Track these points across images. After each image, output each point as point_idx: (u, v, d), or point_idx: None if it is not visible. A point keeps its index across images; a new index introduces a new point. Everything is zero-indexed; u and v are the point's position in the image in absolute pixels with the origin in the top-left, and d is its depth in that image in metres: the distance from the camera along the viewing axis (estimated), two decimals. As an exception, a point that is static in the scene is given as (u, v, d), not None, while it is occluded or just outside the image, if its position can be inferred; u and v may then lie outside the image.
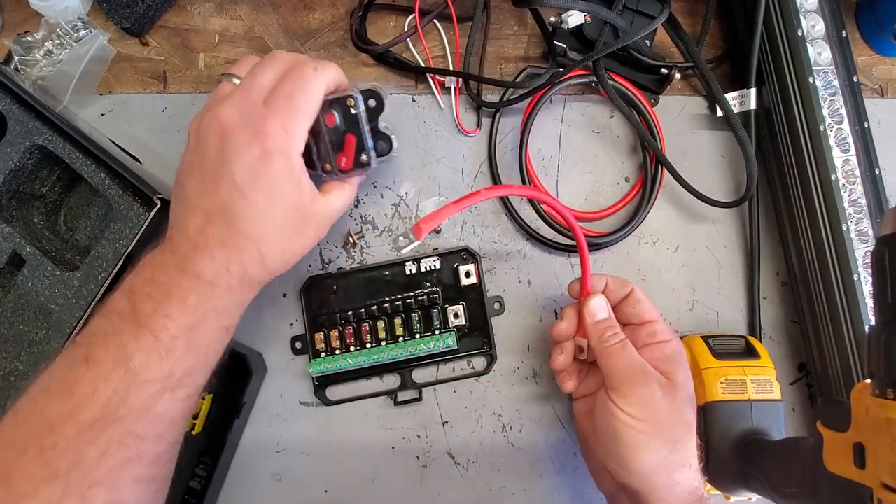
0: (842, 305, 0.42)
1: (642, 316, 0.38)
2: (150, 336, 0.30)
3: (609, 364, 0.36)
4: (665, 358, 0.36)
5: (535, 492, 0.44)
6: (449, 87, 0.48)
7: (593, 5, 0.43)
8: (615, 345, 0.36)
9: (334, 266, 0.46)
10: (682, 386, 0.35)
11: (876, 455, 0.28)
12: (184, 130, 0.48)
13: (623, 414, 0.34)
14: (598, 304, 0.38)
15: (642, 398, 0.34)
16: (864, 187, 0.43)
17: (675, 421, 0.34)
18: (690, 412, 0.35)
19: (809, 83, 0.43)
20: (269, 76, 0.34)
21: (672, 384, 0.35)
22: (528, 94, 0.46)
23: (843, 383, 0.42)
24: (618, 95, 0.46)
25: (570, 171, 0.48)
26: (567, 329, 0.40)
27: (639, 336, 0.38)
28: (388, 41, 0.47)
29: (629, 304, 0.39)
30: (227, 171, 0.32)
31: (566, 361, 0.40)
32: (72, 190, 0.45)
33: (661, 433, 0.34)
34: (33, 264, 0.40)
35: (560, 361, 0.40)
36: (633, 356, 0.36)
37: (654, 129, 0.47)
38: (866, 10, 0.51)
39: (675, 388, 0.35)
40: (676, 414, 0.34)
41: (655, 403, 0.34)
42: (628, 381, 0.35)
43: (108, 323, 0.30)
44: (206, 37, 0.49)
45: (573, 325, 0.40)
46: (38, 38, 0.44)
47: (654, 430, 0.34)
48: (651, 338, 0.37)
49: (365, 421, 0.45)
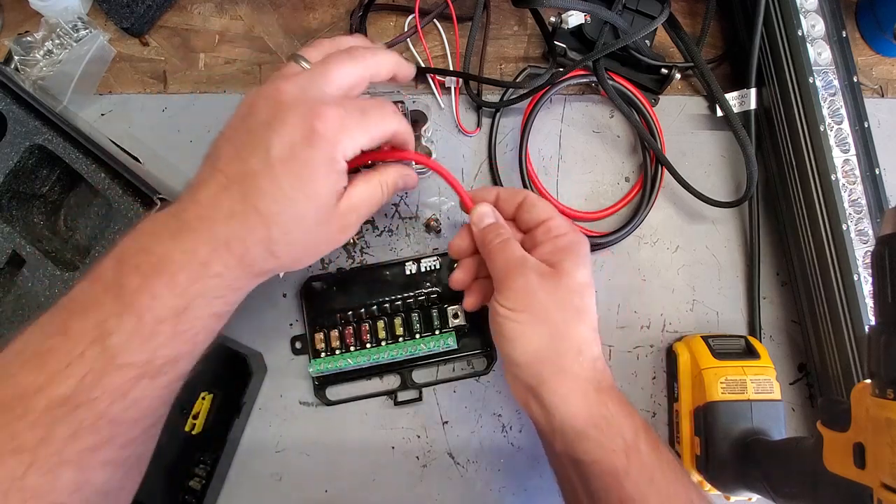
0: (842, 305, 0.42)
1: (539, 217, 0.37)
2: (132, 316, 0.27)
3: (492, 265, 0.36)
4: (556, 250, 0.35)
5: (535, 492, 0.44)
6: (449, 87, 0.48)
7: (593, 5, 0.43)
8: (497, 244, 0.36)
9: (334, 266, 0.46)
10: (567, 273, 0.34)
11: (876, 455, 0.28)
12: (184, 130, 0.49)
13: (502, 308, 0.34)
14: (481, 211, 0.38)
15: (518, 289, 0.34)
16: (864, 187, 0.43)
17: (556, 307, 0.33)
18: (578, 298, 0.34)
19: (809, 83, 0.43)
20: (345, 75, 0.32)
21: (556, 272, 0.34)
22: (527, 94, 0.46)
23: (843, 383, 0.42)
24: (618, 95, 0.46)
25: (570, 170, 0.48)
26: (461, 244, 0.39)
27: (536, 237, 0.37)
28: (388, 41, 0.47)
29: (525, 209, 0.38)
30: (264, 141, 0.29)
31: (464, 278, 0.39)
32: (72, 190, 0.45)
33: (539, 321, 0.33)
34: (33, 264, 0.40)
35: (457, 278, 0.39)
36: (512, 251, 0.35)
37: (654, 129, 0.47)
38: (866, 10, 0.51)
39: (559, 275, 0.34)
40: (557, 300, 0.33)
41: (532, 292, 0.33)
42: (506, 275, 0.34)
43: (91, 291, 0.28)
44: (206, 37, 0.49)
45: (468, 240, 0.39)
46: (38, 38, 0.44)
47: (530, 318, 0.33)
48: (545, 234, 0.36)
49: (365, 421, 0.45)
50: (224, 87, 0.49)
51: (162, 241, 0.29)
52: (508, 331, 0.33)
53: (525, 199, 0.38)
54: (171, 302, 0.28)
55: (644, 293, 0.48)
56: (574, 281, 0.34)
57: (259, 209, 0.29)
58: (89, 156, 0.40)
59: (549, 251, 0.35)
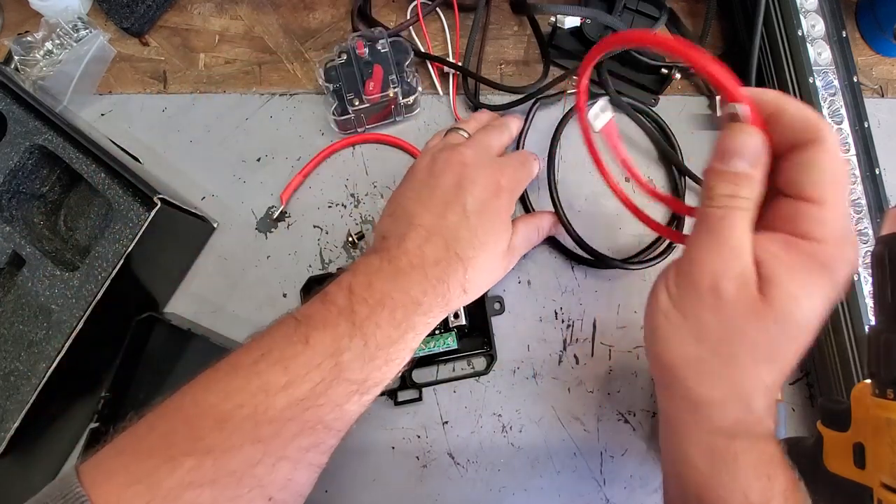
0: (842, 305, 0.42)
1: (804, 186, 0.24)
2: (360, 339, 0.31)
3: (696, 236, 0.26)
4: (788, 264, 0.24)
5: (535, 492, 0.44)
6: (447, 73, 0.49)
7: (594, 10, 0.43)
8: (719, 212, 0.25)
9: (334, 266, 0.46)
10: (792, 301, 0.23)
11: (876, 455, 0.28)
12: (184, 130, 0.49)
13: (666, 299, 0.27)
14: (748, 142, 0.25)
15: (705, 290, 0.25)
16: (864, 187, 0.43)
17: (743, 341, 0.25)
18: (785, 340, 0.24)
19: (809, 83, 0.43)
20: (497, 140, 0.40)
21: (772, 295, 0.24)
22: (527, 97, 0.46)
23: (843, 383, 0.42)
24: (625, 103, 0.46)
25: (570, 170, 0.48)
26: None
27: (781, 214, 0.25)
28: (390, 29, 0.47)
29: (800, 161, 0.24)
30: (459, 198, 0.35)
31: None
32: (72, 190, 0.45)
33: (709, 350, 0.25)
34: (33, 264, 0.40)
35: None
36: (733, 233, 0.24)
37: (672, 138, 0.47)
38: (866, 10, 0.51)
39: (776, 301, 0.24)
40: (751, 335, 0.24)
41: (722, 307, 0.25)
42: (701, 258, 0.25)
43: (327, 312, 0.32)
44: (206, 37, 0.49)
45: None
46: (38, 38, 0.44)
47: (697, 336, 0.26)
48: (796, 225, 0.24)
49: (365, 421, 0.44)
50: (224, 87, 0.49)
51: (383, 281, 0.33)
52: (662, 331, 0.27)
53: (814, 144, 0.24)
54: (388, 332, 0.32)
55: (644, 293, 0.47)
56: (794, 318, 0.24)
57: (459, 255, 0.35)
58: (89, 156, 0.40)
59: (779, 261, 0.24)
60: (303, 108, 0.48)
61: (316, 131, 0.48)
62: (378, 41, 0.44)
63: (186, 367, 0.44)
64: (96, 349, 0.41)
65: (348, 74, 0.44)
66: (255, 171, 0.47)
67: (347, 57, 0.44)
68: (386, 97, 0.44)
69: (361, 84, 0.44)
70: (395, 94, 0.44)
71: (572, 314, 0.46)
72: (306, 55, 0.49)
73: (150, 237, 0.39)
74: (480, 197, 0.36)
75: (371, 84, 0.43)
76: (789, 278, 0.24)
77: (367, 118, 0.46)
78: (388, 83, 0.44)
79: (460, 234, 0.35)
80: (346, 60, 0.44)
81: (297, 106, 0.48)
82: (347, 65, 0.44)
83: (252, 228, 0.46)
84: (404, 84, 0.45)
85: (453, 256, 0.35)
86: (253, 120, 0.48)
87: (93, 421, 0.40)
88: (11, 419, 0.37)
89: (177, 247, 0.45)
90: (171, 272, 0.45)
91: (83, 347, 0.38)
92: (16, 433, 0.36)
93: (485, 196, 0.36)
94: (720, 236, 0.25)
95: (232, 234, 0.46)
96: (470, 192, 0.36)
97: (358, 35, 0.45)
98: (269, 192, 0.47)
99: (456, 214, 0.35)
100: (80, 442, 0.41)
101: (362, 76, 0.44)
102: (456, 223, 0.35)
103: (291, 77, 0.49)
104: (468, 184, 0.36)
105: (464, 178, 0.36)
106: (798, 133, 0.24)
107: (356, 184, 0.47)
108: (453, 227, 0.35)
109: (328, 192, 0.47)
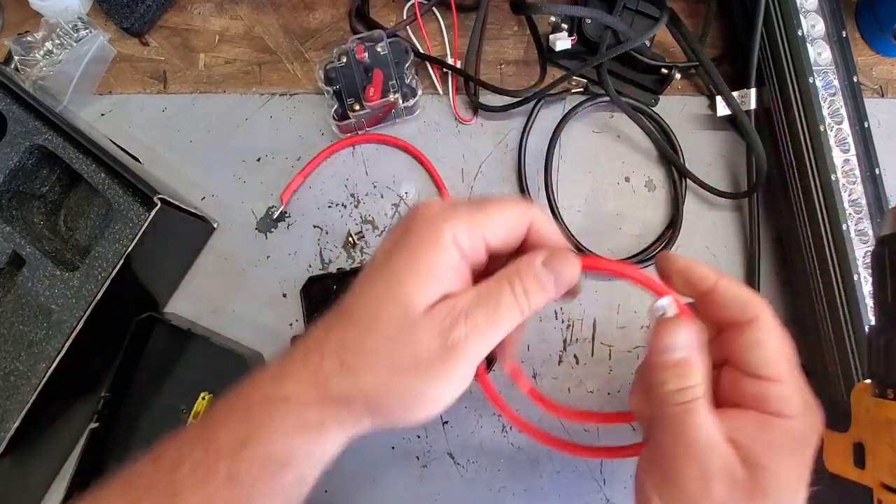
0: (842, 305, 0.42)
1: (759, 366, 0.24)
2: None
3: (661, 430, 0.24)
4: (768, 443, 0.23)
5: (535, 492, 0.44)
6: (447, 73, 0.49)
7: (595, 11, 0.43)
8: (679, 407, 0.23)
9: (334, 266, 0.46)
10: (774, 487, 0.22)
11: (876, 455, 0.28)
12: (184, 130, 0.49)
13: (652, 495, 0.24)
14: (674, 337, 0.24)
15: (687, 488, 0.23)
16: (864, 187, 0.43)
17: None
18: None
19: (809, 83, 0.43)
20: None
21: (755, 483, 0.22)
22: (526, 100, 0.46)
23: (843, 383, 0.42)
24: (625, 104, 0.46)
25: (570, 170, 0.48)
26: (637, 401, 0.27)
27: (743, 391, 0.24)
28: (388, 28, 0.47)
29: (745, 338, 0.24)
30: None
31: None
32: (72, 190, 0.45)
33: None
34: (33, 264, 0.40)
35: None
36: (699, 425, 0.23)
37: (673, 139, 0.47)
38: (866, 10, 0.51)
39: (759, 489, 0.22)
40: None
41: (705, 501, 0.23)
42: (675, 458, 0.23)
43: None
44: (206, 37, 0.49)
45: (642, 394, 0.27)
46: (38, 38, 0.44)
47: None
48: (762, 403, 0.23)
49: (365, 421, 0.45)
50: (224, 87, 0.49)
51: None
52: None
53: (753, 323, 0.24)
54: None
55: (644, 293, 0.47)
56: (790, 499, 0.23)
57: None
58: (89, 156, 0.40)
59: (755, 440, 0.23)
60: (303, 108, 0.48)
61: (316, 131, 0.48)
62: (377, 43, 0.44)
63: (186, 367, 0.44)
64: (96, 349, 0.41)
65: (348, 78, 0.44)
66: (255, 171, 0.47)
67: (347, 59, 0.44)
68: (386, 102, 0.44)
69: (362, 90, 0.44)
70: (395, 98, 0.44)
71: (572, 314, 0.46)
72: (306, 55, 0.49)
73: (150, 237, 0.39)
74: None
75: (371, 90, 0.43)
76: (777, 462, 0.23)
77: (367, 121, 0.46)
78: (389, 88, 0.44)
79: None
80: (345, 63, 0.44)
81: (297, 106, 0.48)
82: (347, 67, 0.44)
83: (252, 228, 0.46)
84: (404, 88, 0.45)
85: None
86: (253, 120, 0.48)
87: (93, 421, 0.40)
88: (11, 419, 0.37)
89: (177, 247, 0.45)
90: (171, 272, 0.45)
91: (83, 347, 0.38)
92: (16, 433, 0.36)
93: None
94: (688, 436, 0.23)
95: (232, 234, 0.46)
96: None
97: (357, 38, 0.44)
98: (269, 192, 0.47)
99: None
100: (80, 442, 0.41)
101: (362, 81, 0.44)
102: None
103: (291, 77, 0.49)
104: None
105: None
106: (735, 312, 0.25)
107: (356, 184, 0.47)
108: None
109: (328, 192, 0.47)
